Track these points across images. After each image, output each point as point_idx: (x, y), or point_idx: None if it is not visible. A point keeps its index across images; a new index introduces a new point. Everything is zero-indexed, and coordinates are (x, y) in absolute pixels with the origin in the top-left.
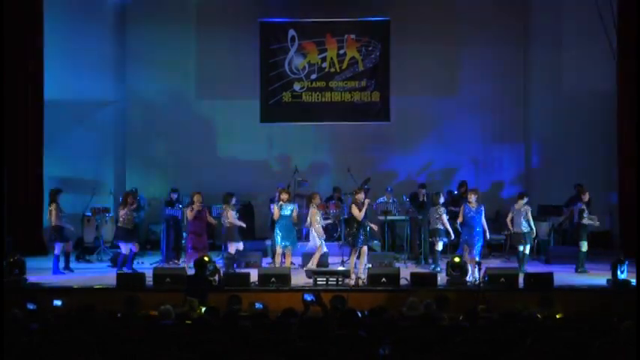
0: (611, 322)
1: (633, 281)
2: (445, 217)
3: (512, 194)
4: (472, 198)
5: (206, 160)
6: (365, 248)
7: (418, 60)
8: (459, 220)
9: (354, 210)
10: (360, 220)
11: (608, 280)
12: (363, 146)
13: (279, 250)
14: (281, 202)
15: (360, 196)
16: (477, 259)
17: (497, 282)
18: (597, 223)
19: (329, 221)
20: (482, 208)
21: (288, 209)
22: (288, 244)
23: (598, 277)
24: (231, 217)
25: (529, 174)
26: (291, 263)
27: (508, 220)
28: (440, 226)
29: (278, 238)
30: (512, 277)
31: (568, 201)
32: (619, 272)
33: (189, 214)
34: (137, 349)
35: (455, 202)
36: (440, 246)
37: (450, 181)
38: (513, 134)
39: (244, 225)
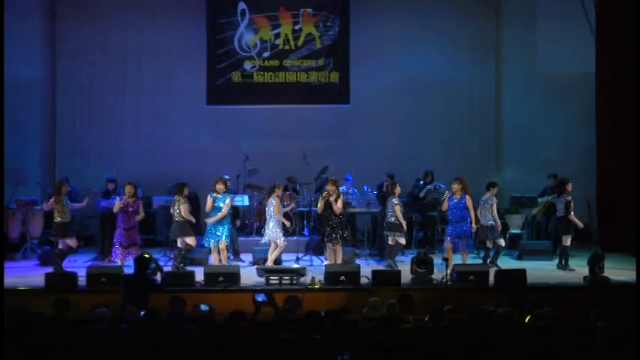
0: (587, 321)
1: (616, 278)
2: (400, 210)
3: (483, 184)
4: (455, 187)
5: (146, 146)
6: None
7: (381, 37)
8: (443, 208)
9: (335, 203)
10: (339, 214)
11: (585, 278)
12: (320, 132)
13: (213, 246)
14: (215, 194)
15: (332, 188)
16: (467, 251)
17: (466, 280)
18: (582, 225)
19: (290, 207)
20: (466, 198)
21: (222, 201)
22: (213, 240)
23: (574, 274)
24: (185, 210)
25: (501, 162)
26: (228, 259)
27: (478, 212)
28: (394, 220)
29: (209, 234)
30: (482, 274)
31: (542, 192)
32: (596, 269)
33: (115, 206)
34: (67, 357)
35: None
36: (391, 241)
37: (418, 170)
38: (484, 119)
39: (194, 220)
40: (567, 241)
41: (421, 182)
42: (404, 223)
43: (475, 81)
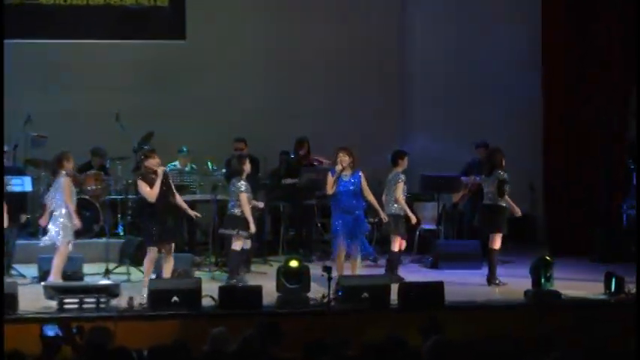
0: (529, 354)
1: (571, 293)
2: (247, 198)
3: (381, 158)
4: (344, 161)
5: None
6: (166, 248)
7: None
8: (329, 191)
9: (143, 187)
10: (154, 202)
11: (527, 293)
12: (140, 81)
13: None
14: None
15: (153, 162)
16: (359, 258)
17: (357, 298)
18: (519, 213)
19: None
20: (361, 177)
21: None
22: None
23: (509, 289)
24: None
25: (407, 126)
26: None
27: (384, 198)
28: (238, 212)
29: None
30: (380, 290)
31: (467, 169)
32: (543, 280)
33: None
34: None
35: (292, 170)
36: (237, 245)
37: (289, 138)
38: (385, 61)
39: None
40: (496, 241)
41: (291, 155)
42: (250, 218)
43: (376, 3)
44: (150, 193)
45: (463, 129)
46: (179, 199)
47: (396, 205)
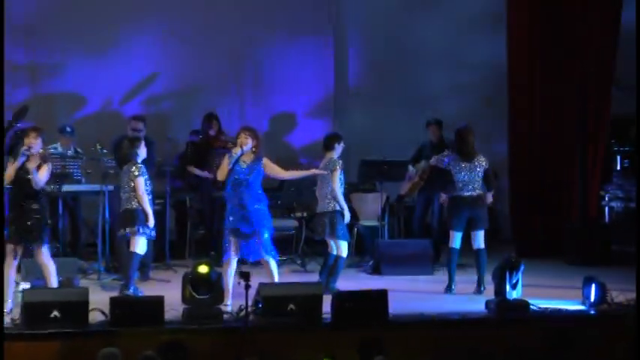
0: None
1: (541, 304)
2: (142, 183)
3: (315, 140)
4: (244, 144)
5: None
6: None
7: None
8: (219, 177)
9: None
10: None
11: (488, 303)
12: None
13: None
14: None
15: (34, 141)
16: (271, 261)
17: (281, 312)
18: (490, 199)
19: None
20: (262, 167)
21: None
22: None
23: (470, 295)
24: None
25: (341, 98)
26: None
27: (317, 192)
28: (134, 205)
29: None
30: (310, 301)
31: (418, 152)
32: (508, 287)
33: None
34: None
35: (200, 155)
36: (136, 247)
37: (190, 112)
38: (317, 20)
39: None
40: (457, 240)
41: (199, 137)
42: (149, 210)
43: None
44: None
45: (410, 102)
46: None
47: (334, 201)
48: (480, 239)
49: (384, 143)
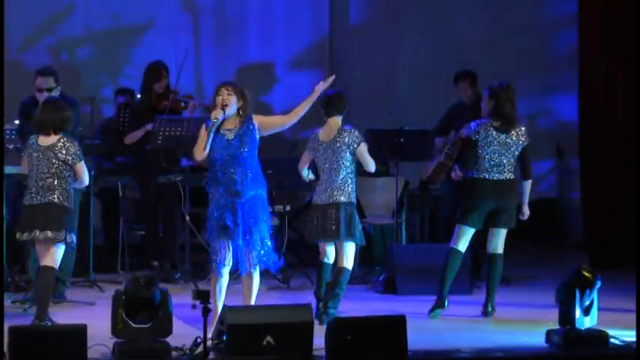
0: None
1: (628, 335)
2: (83, 166)
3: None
4: (227, 104)
5: None
6: None
7: None
8: (197, 156)
9: None
10: None
11: (550, 335)
12: None
13: None
14: None
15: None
16: (255, 274)
17: (254, 347)
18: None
19: None
20: (256, 130)
21: None
22: None
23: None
24: None
25: (340, 41)
26: None
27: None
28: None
29: None
30: (295, 331)
31: (446, 119)
32: (579, 312)
33: None
34: None
35: (139, 122)
36: (53, 259)
37: (118, 63)
38: None
39: None
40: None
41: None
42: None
43: None
44: None
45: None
46: None
47: (340, 183)
48: (498, 241)
49: (399, 104)
